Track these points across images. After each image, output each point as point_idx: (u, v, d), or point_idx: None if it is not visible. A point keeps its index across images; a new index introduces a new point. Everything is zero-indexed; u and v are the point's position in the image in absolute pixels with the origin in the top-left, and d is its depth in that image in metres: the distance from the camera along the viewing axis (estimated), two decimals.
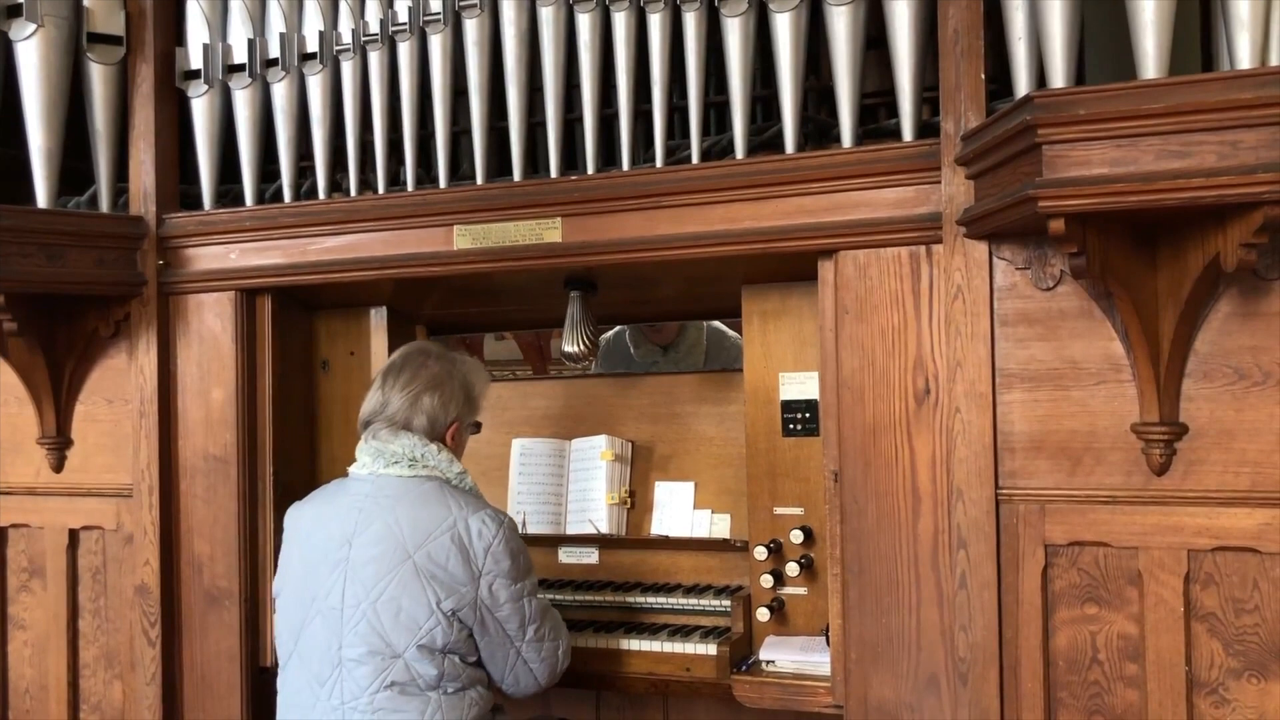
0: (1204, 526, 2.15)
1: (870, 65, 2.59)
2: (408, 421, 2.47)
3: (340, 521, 2.40)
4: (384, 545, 2.33)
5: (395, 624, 2.29)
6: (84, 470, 3.13)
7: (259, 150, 3.01)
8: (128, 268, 2.99)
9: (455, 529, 2.34)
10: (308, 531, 2.47)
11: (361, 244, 2.84)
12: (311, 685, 2.37)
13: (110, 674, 3.09)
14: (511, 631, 2.39)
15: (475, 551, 2.34)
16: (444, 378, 2.52)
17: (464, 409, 2.54)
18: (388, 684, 2.29)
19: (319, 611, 2.37)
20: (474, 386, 2.58)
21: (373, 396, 2.52)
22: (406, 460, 2.44)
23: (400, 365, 2.54)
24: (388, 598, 2.30)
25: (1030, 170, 1.98)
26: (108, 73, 3.02)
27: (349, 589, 2.34)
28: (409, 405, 2.47)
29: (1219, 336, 2.14)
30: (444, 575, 2.31)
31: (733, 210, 2.51)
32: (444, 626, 2.30)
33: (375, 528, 2.36)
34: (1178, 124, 1.85)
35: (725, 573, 2.92)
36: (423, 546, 2.32)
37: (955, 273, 2.31)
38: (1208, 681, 2.15)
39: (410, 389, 2.48)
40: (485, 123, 2.77)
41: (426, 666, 2.30)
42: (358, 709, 2.30)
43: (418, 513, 2.36)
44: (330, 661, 2.34)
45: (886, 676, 2.38)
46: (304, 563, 2.44)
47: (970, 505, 2.29)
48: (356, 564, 2.35)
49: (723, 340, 3.85)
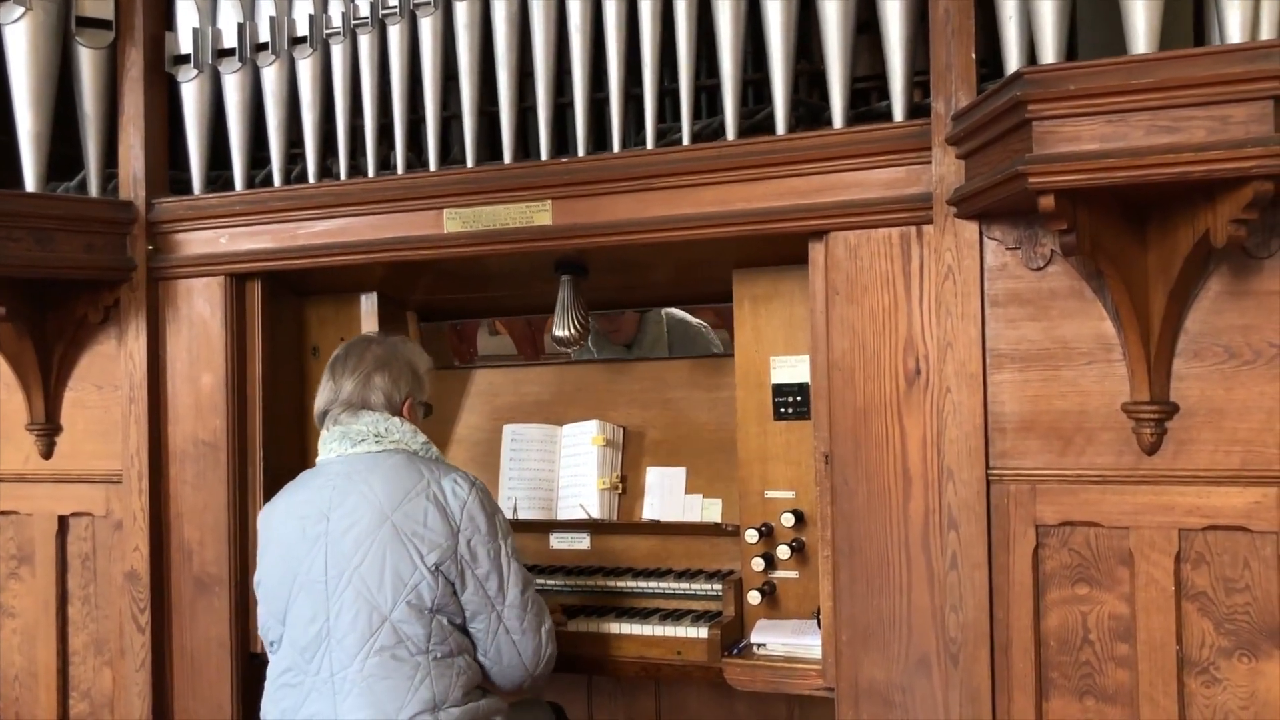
0: (1195, 505, 2.14)
1: (862, 50, 2.59)
2: (364, 400, 2.51)
3: (315, 502, 2.43)
4: (361, 512, 2.36)
5: (381, 583, 2.32)
6: (73, 456, 3.12)
7: (249, 135, 3.00)
8: (117, 252, 2.98)
9: (430, 489, 2.38)
10: (281, 520, 2.48)
11: (351, 228, 2.83)
12: (300, 662, 2.37)
13: (100, 661, 3.08)
14: (491, 591, 2.40)
15: (452, 510, 2.38)
16: (389, 358, 2.56)
17: (414, 386, 2.58)
18: (376, 649, 2.30)
19: (302, 586, 2.38)
20: (418, 366, 2.62)
21: (324, 388, 2.57)
22: (372, 437, 2.47)
23: (344, 355, 2.59)
24: (371, 559, 2.33)
25: (1020, 147, 1.97)
26: (97, 57, 3.01)
27: (330, 560, 2.36)
28: (362, 386, 2.52)
29: (1209, 315, 2.14)
30: (424, 531, 2.34)
31: (724, 192, 2.50)
32: (429, 581, 2.32)
33: (351, 499, 2.39)
34: (1168, 99, 1.85)
35: (717, 557, 2.92)
36: (399, 507, 2.35)
37: (946, 253, 2.31)
38: (1198, 661, 2.15)
39: (359, 371, 2.53)
40: (476, 106, 2.76)
41: (414, 627, 2.31)
42: (348, 677, 2.31)
43: (391, 479, 2.39)
44: (319, 634, 2.35)
45: (877, 658, 2.38)
46: (281, 546, 2.45)
47: (961, 486, 2.29)
48: (335, 535, 2.37)
49: (686, 328, 3.83)
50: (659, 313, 3.73)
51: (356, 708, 2.30)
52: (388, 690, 2.29)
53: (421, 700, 2.30)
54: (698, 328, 3.58)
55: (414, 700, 2.29)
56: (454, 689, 2.34)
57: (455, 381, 3.35)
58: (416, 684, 2.30)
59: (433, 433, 3.27)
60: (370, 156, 2.86)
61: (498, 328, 3.44)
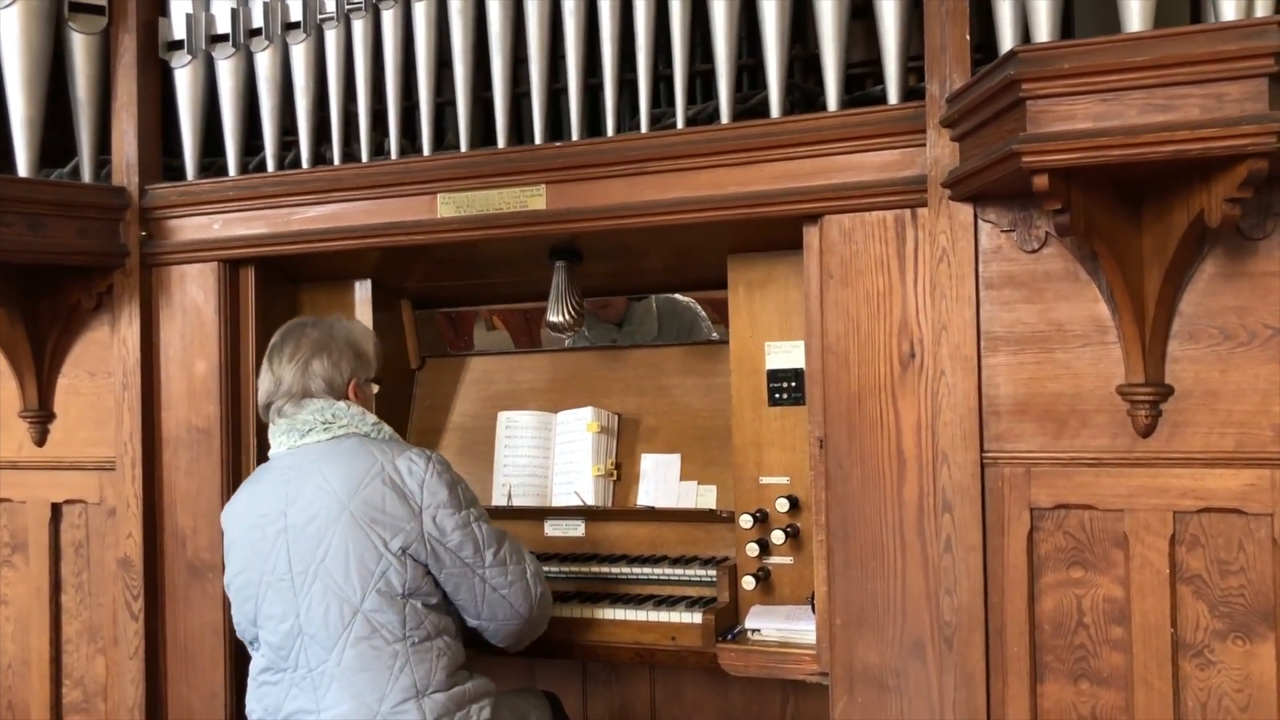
0: (1190, 488, 2.14)
1: (857, 36, 2.59)
2: (305, 389, 2.46)
3: (270, 497, 2.40)
4: (318, 504, 2.33)
5: (348, 575, 2.28)
6: (66, 444, 3.11)
7: (243, 122, 2.99)
8: (110, 238, 2.97)
9: (385, 472, 2.34)
10: (241, 517, 2.46)
11: (345, 213, 2.82)
12: (276, 661, 2.36)
13: (93, 648, 3.07)
14: (468, 558, 2.37)
15: (409, 489, 2.34)
16: (326, 340, 2.51)
17: (357, 365, 2.53)
18: (352, 642, 2.28)
19: (269, 586, 2.36)
20: (360, 343, 2.57)
21: (264, 379, 2.52)
22: (320, 425, 2.43)
23: (280, 342, 2.54)
24: (335, 551, 2.30)
25: (1014, 127, 1.97)
26: (90, 43, 3.00)
27: (294, 556, 2.33)
28: (301, 374, 2.47)
29: (1204, 297, 2.14)
30: (384, 517, 2.31)
31: (718, 175, 2.50)
32: (396, 567, 2.29)
33: (307, 492, 2.35)
34: (1162, 77, 1.85)
35: (711, 544, 2.91)
36: (356, 495, 2.31)
37: (940, 236, 2.30)
38: (1193, 644, 2.14)
39: (297, 358, 2.48)
40: (470, 92, 2.75)
41: (388, 614, 2.28)
42: (325, 672, 2.30)
43: (344, 467, 2.35)
44: (291, 632, 2.33)
45: (871, 642, 2.37)
46: (245, 545, 2.43)
47: (955, 469, 2.28)
48: (295, 530, 2.34)
49: (674, 307, 3.82)
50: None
51: (338, 701, 2.28)
52: (368, 681, 2.27)
53: (403, 688, 2.27)
54: (685, 305, 3.57)
55: (395, 689, 2.27)
56: (436, 672, 2.32)
57: (449, 369, 3.35)
58: (396, 672, 2.28)
59: (427, 420, 3.30)
60: (364, 143, 2.86)
61: (495, 323, 3.42)
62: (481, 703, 2.38)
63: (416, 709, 2.28)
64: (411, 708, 2.27)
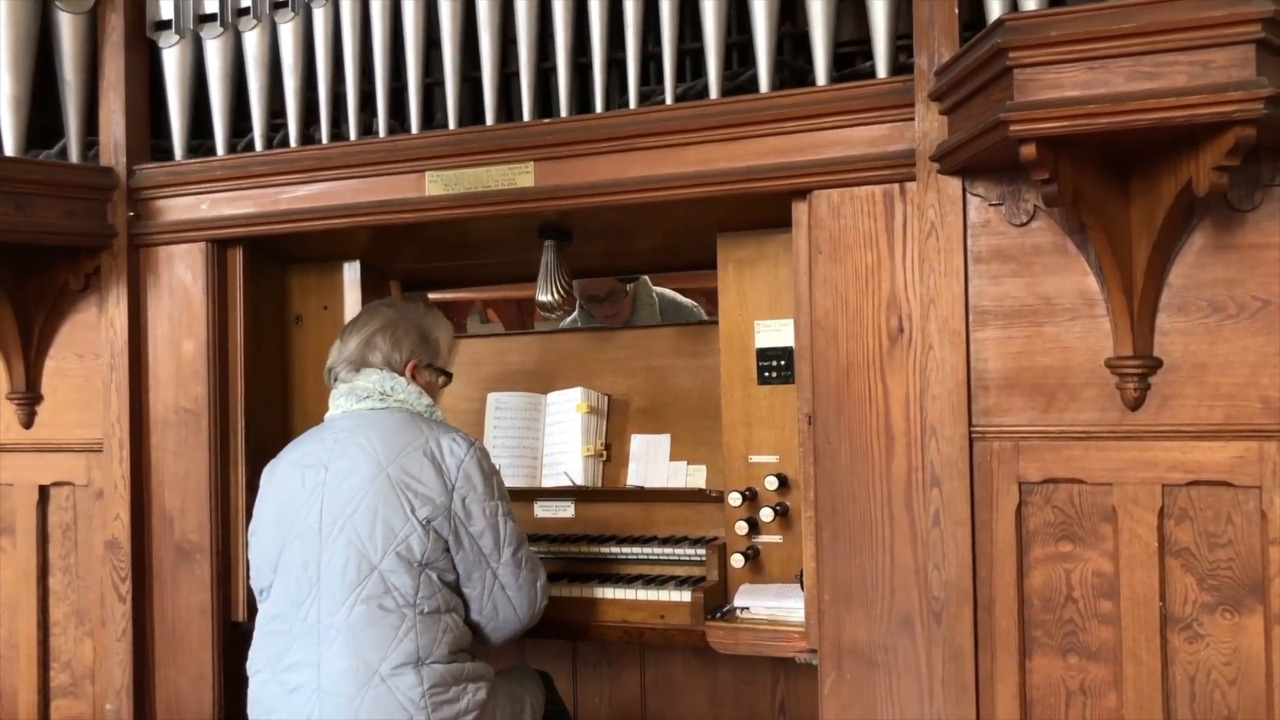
0: (1178, 461, 2.13)
1: (847, 15, 2.57)
2: (364, 359, 2.58)
3: (317, 453, 2.48)
4: (358, 462, 2.40)
5: (372, 533, 2.34)
6: (54, 426, 3.10)
7: (231, 103, 2.97)
8: (97, 219, 2.96)
9: (427, 445, 2.42)
10: (285, 471, 2.52)
11: (333, 192, 2.81)
12: (288, 609, 2.39)
13: (81, 631, 3.06)
14: (486, 549, 2.42)
15: (448, 466, 2.40)
16: (396, 319, 2.63)
17: (419, 348, 2.62)
18: (364, 598, 2.31)
19: (297, 535, 2.41)
20: (431, 330, 2.66)
21: (334, 347, 2.66)
22: (377, 394, 2.53)
23: (357, 317, 2.71)
24: (365, 508, 2.35)
25: (1002, 97, 1.96)
26: (77, 23, 2.98)
27: (326, 507, 2.39)
28: (363, 345, 2.59)
29: (1193, 269, 2.13)
30: (418, 485, 2.37)
31: (707, 151, 2.49)
32: (419, 534, 2.34)
33: (350, 451, 2.43)
34: (1149, 44, 1.83)
35: (701, 524, 2.90)
36: (396, 460, 2.38)
37: (929, 210, 2.29)
38: (1182, 617, 2.13)
39: (364, 331, 2.62)
40: (458, 71, 2.74)
41: (403, 578, 2.33)
42: (334, 625, 2.32)
43: (390, 434, 2.44)
44: (309, 579, 2.37)
45: (860, 618, 2.36)
46: (280, 496, 2.49)
47: (944, 443, 2.27)
48: (332, 484, 2.40)
49: (677, 308, 3.86)
50: (652, 297, 3.77)
51: (340, 656, 2.30)
52: (372, 639, 2.30)
53: (405, 652, 2.30)
54: (689, 308, 3.72)
55: (397, 651, 2.29)
56: (439, 645, 2.34)
57: None
58: (401, 635, 2.30)
59: None
60: (352, 123, 2.84)
61: (487, 314, 3.43)
62: (479, 683, 2.40)
63: (415, 674, 2.30)
64: (409, 672, 2.30)
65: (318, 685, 2.30)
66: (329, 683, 2.30)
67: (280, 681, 2.36)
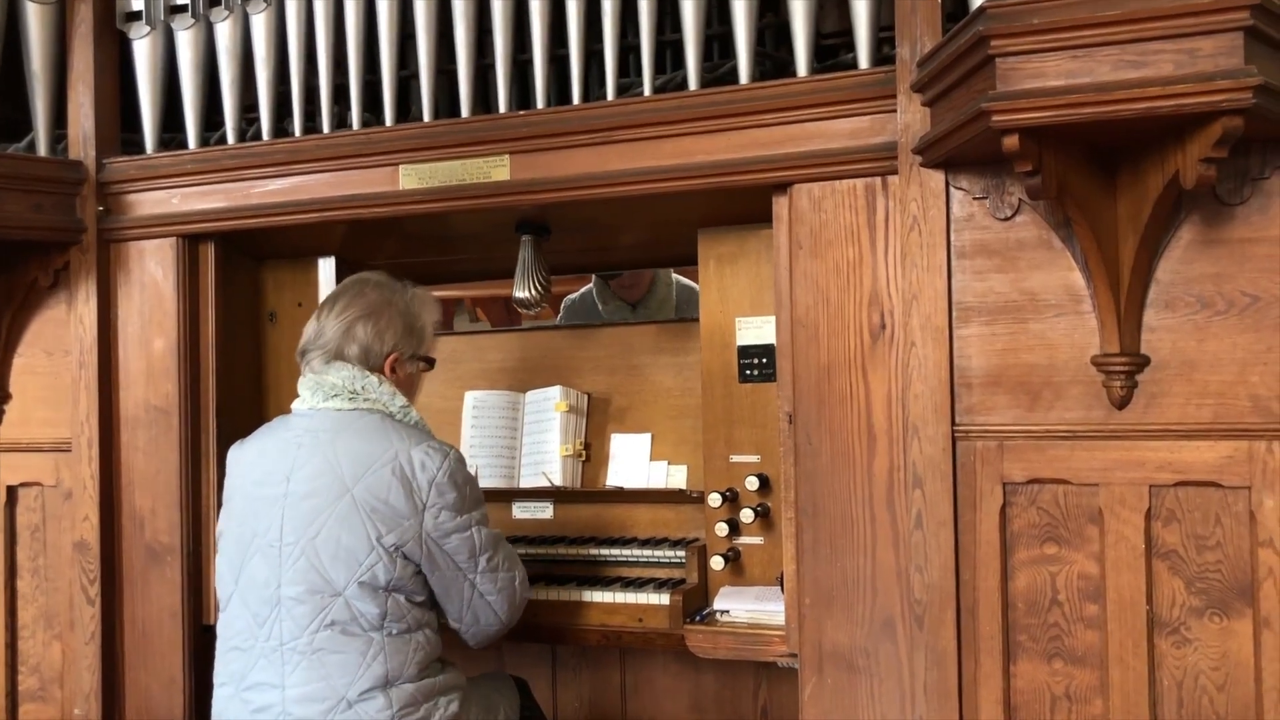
0: (1166, 461, 2.08)
1: (830, 6, 2.53)
2: (340, 350, 2.38)
3: (279, 457, 2.33)
4: (322, 480, 2.26)
5: (334, 560, 2.22)
6: (23, 425, 3.04)
7: (203, 96, 2.91)
8: (66, 213, 2.90)
9: (396, 461, 2.25)
10: (249, 467, 2.39)
11: (305, 185, 2.75)
12: (251, 626, 2.29)
13: (49, 634, 3.00)
14: (462, 563, 2.30)
15: (419, 484, 2.25)
16: (381, 305, 2.43)
17: (403, 339, 2.43)
18: (328, 623, 2.21)
19: (258, 549, 2.29)
20: (418, 318, 2.48)
21: (310, 325, 2.44)
22: (346, 393, 2.35)
23: (339, 293, 2.47)
24: (326, 533, 2.22)
25: (984, 87, 1.91)
26: (45, 13, 2.92)
27: (287, 525, 2.26)
28: (342, 333, 2.39)
29: (1181, 265, 2.08)
30: (384, 509, 2.22)
31: (685, 144, 2.43)
32: (385, 563, 2.22)
33: (314, 463, 2.28)
34: (1135, 32, 1.78)
35: (681, 525, 2.85)
36: (361, 480, 2.24)
37: (911, 204, 2.24)
38: (1169, 621, 2.08)
39: (344, 316, 2.40)
40: (433, 64, 2.68)
41: (368, 605, 2.22)
42: (297, 649, 2.22)
43: (357, 446, 2.27)
44: (269, 600, 2.26)
45: (841, 621, 2.31)
46: (245, 499, 2.36)
47: (926, 443, 2.22)
48: (295, 499, 2.27)
49: (693, 297, 3.80)
50: (671, 278, 3.71)
51: (304, 681, 2.21)
52: (338, 665, 2.21)
53: (374, 676, 2.21)
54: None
55: (365, 676, 2.20)
56: (409, 665, 2.25)
57: None
58: (369, 659, 2.21)
59: None
60: (325, 116, 2.79)
61: (480, 323, 3.37)
62: (450, 695, 2.31)
63: (384, 697, 2.21)
64: (378, 695, 2.21)
65: (283, 709, 2.21)
66: (295, 705, 2.20)
67: (245, 699, 2.27)
